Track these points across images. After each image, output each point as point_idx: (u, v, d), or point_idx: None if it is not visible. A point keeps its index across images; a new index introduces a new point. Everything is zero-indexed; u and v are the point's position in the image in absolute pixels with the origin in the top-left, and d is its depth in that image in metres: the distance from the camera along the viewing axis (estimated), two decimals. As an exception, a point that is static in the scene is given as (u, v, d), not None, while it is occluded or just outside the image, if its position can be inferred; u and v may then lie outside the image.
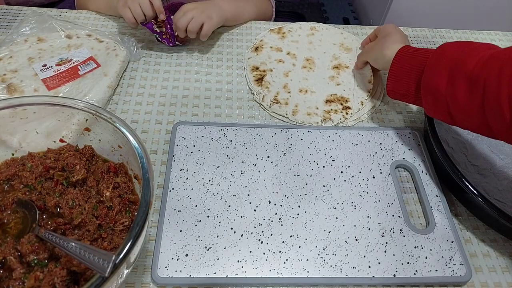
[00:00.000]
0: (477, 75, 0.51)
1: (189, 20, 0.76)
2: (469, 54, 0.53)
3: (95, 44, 0.78)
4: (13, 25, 0.83)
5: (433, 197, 0.61)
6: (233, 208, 0.58)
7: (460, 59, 0.53)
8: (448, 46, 0.57)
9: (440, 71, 0.55)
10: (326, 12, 1.51)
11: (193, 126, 0.67)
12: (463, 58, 0.53)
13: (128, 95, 0.73)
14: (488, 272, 0.56)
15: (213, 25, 0.79)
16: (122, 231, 0.47)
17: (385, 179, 0.63)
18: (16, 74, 0.70)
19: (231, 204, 0.58)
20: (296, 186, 0.61)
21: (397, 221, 0.58)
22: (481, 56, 0.52)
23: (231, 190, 0.60)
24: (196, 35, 0.79)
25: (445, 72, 0.54)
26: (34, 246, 0.43)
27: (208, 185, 0.60)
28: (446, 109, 0.55)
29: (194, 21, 0.76)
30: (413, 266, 0.54)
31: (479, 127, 0.53)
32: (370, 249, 0.55)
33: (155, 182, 0.45)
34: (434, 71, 0.56)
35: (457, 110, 0.54)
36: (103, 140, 0.53)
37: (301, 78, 0.78)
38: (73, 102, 0.50)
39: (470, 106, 0.52)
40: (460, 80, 0.52)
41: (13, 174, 0.50)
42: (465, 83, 0.52)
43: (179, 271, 0.51)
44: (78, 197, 0.48)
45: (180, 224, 0.56)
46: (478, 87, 0.50)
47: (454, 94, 0.53)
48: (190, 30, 0.77)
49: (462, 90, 0.52)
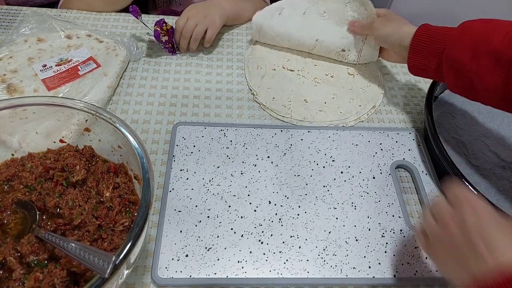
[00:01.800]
0: (502, 51, 0.53)
1: (193, 28, 0.76)
2: (493, 30, 0.55)
3: (95, 44, 0.78)
4: (13, 25, 0.83)
5: (433, 197, 0.61)
6: (233, 208, 0.58)
7: (484, 35, 0.55)
8: (470, 23, 0.58)
9: (463, 46, 0.56)
10: (326, 12, 1.50)
11: (193, 126, 0.67)
12: (487, 34, 0.55)
13: (128, 95, 0.73)
14: (488, 273, 0.56)
15: (216, 29, 0.80)
16: (122, 231, 0.47)
17: (385, 180, 0.63)
18: (16, 74, 0.70)
19: (231, 205, 0.58)
20: (296, 186, 0.61)
21: (397, 221, 0.58)
22: (506, 33, 0.54)
23: (231, 190, 0.60)
24: (198, 43, 0.79)
25: (468, 47, 0.56)
26: (34, 247, 0.43)
27: (208, 185, 0.60)
28: (468, 83, 0.57)
29: (198, 28, 0.77)
30: (413, 266, 0.54)
31: (500, 102, 0.56)
32: (370, 249, 0.55)
33: (155, 182, 0.45)
34: (457, 46, 0.57)
35: (480, 84, 0.55)
36: (103, 140, 0.53)
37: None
38: (72, 102, 0.50)
39: (494, 81, 0.54)
40: (484, 55, 0.54)
41: (13, 174, 0.50)
42: (490, 58, 0.54)
43: (179, 271, 0.51)
44: (78, 197, 0.48)
45: (180, 225, 0.56)
46: (503, 62, 0.53)
47: (478, 69, 0.55)
48: (194, 39, 0.77)
49: (486, 65, 0.54)
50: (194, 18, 0.77)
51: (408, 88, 0.80)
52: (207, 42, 0.80)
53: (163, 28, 0.78)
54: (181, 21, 0.77)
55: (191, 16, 0.77)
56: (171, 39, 0.80)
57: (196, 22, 0.77)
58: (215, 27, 0.79)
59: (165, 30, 0.79)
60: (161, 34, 0.78)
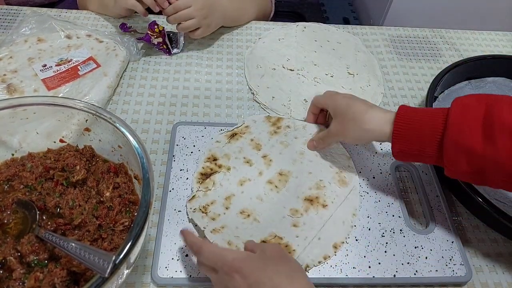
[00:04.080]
0: None
1: (187, 18, 0.74)
2: (497, 105, 0.47)
3: (95, 44, 0.78)
4: (13, 25, 0.83)
5: (433, 197, 0.61)
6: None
7: (492, 113, 0.46)
8: (466, 100, 0.50)
9: (470, 128, 0.47)
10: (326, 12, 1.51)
11: (193, 126, 0.67)
12: (496, 112, 0.46)
13: (128, 95, 0.73)
14: (488, 272, 0.56)
15: (207, 33, 0.80)
16: (122, 231, 0.47)
17: (385, 179, 0.63)
18: (16, 74, 0.70)
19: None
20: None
21: (397, 221, 0.58)
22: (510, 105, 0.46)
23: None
24: None
25: (478, 129, 0.47)
26: (34, 247, 0.43)
27: (208, 185, 0.60)
28: (479, 168, 0.48)
29: (191, 23, 0.75)
30: (413, 266, 0.54)
31: None
32: (370, 249, 0.55)
33: (155, 182, 0.45)
34: (463, 128, 0.47)
35: (498, 169, 0.46)
36: (103, 140, 0.53)
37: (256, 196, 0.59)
38: (73, 102, 0.50)
39: None
40: (504, 136, 0.45)
41: (13, 174, 0.50)
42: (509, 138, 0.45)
43: (179, 271, 0.51)
44: (78, 197, 0.48)
45: (180, 224, 0.56)
46: None
47: (497, 152, 0.45)
48: (181, 27, 0.76)
49: (507, 147, 0.45)
50: (195, 10, 0.74)
51: (408, 88, 0.80)
52: (194, 36, 0.79)
53: (154, 30, 0.78)
54: (182, 4, 0.73)
55: (195, 9, 0.74)
56: (164, 40, 0.80)
57: (194, 15, 0.75)
58: (207, 31, 0.79)
59: (157, 32, 0.79)
60: (153, 37, 0.78)
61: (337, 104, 0.60)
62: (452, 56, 0.89)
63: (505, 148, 0.45)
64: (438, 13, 1.34)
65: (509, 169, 0.45)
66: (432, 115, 0.51)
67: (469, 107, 0.48)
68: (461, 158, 0.48)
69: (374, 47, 0.88)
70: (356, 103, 0.58)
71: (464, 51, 0.90)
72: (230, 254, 0.44)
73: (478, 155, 0.47)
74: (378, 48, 0.88)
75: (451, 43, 0.92)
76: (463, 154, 0.48)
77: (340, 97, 0.60)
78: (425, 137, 0.51)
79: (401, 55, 0.87)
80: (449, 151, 0.49)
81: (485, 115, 0.47)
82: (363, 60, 0.83)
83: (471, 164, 0.48)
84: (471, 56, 0.77)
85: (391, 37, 0.92)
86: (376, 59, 0.85)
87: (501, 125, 0.45)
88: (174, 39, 0.81)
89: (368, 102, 0.59)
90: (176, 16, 0.74)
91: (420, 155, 0.52)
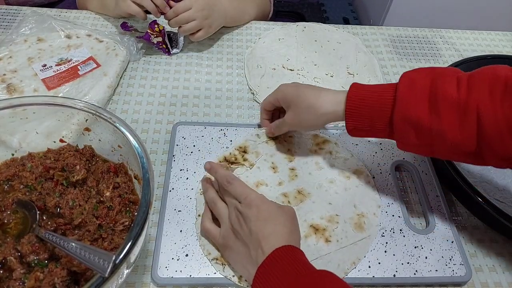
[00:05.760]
0: (465, 101, 0.46)
1: (188, 20, 0.75)
2: (441, 79, 0.49)
3: (95, 44, 0.78)
4: (12, 25, 0.83)
5: (433, 197, 0.62)
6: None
7: (436, 87, 0.49)
8: (414, 75, 0.52)
9: (417, 102, 0.49)
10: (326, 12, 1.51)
11: (193, 126, 0.67)
12: (439, 85, 0.48)
13: (128, 95, 0.73)
14: (488, 272, 0.56)
15: (208, 34, 0.80)
16: (122, 231, 0.47)
17: (385, 179, 0.63)
18: (16, 74, 0.70)
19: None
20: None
21: (397, 221, 0.58)
22: (457, 80, 0.48)
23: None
24: None
25: (424, 103, 0.49)
26: (34, 247, 0.43)
27: (208, 185, 0.60)
28: (427, 140, 0.50)
29: (193, 25, 0.75)
30: (413, 266, 0.54)
31: (467, 156, 0.49)
32: (370, 249, 0.55)
33: (155, 182, 0.45)
34: (410, 103, 0.49)
35: (443, 141, 0.48)
36: (103, 140, 0.53)
37: None
38: (73, 102, 0.50)
39: (463, 135, 0.47)
40: (446, 109, 0.47)
41: (13, 174, 0.50)
42: (453, 111, 0.47)
43: (179, 271, 0.51)
44: (78, 197, 0.48)
45: (180, 224, 0.56)
46: (471, 114, 0.46)
47: (441, 125, 0.48)
48: (183, 30, 0.76)
49: (451, 120, 0.47)
50: (196, 12, 0.74)
51: (408, 88, 0.80)
52: (195, 39, 0.78)
53: (154, 30, 0.78)
54: (182, 6, 0.74)
55: (195, 10, 0.74)
56: (164, 39, 0.79)
57: (195, 17, 0.75)
58: (208, 32, 0.79)
59: (157, 31, 0.79)
60: (152, 36, 0.78)
61: (286, 94, 0.61)
62: (452, 56, 0.89)
63: (447, 120, 0.47)
64: (438, 13, 1.34)
65: (451, 140, 0.48)
66: (382, 90, 0.53)
67: (416, 81, 0.50)
68: (410, 131, 0.50)
69: (374, 47, 0.88)
70: (306, 91, 0.59)
71: (464, 51, 0.90)
72: (255, 193, 0.51)
73: (425, 128, 0.49)
74: (378, 48, 0.88)
75: (451, 43, 0.92)
76: (411, 127, 0.50)
77: (287, 87, 0.61)
78: (376, 111, 0.53)
79: (401, 55, 0.87)
80: (399, 125, 0.51)
81: (431, 89, 0.49)
82: (363, 60, 0.83)
83: (420, 137, 0.50)
84: (471, 56, 0.77)
85: (391, 37, 0.92)
86: (376, 59, 0.85)
87: (444, 98, 0.48)
88: (174, 39, 0.82)
89: (315, 87, 0.60)
90: (177, 19, 0.74)
91: (372, 130, 0.55)
